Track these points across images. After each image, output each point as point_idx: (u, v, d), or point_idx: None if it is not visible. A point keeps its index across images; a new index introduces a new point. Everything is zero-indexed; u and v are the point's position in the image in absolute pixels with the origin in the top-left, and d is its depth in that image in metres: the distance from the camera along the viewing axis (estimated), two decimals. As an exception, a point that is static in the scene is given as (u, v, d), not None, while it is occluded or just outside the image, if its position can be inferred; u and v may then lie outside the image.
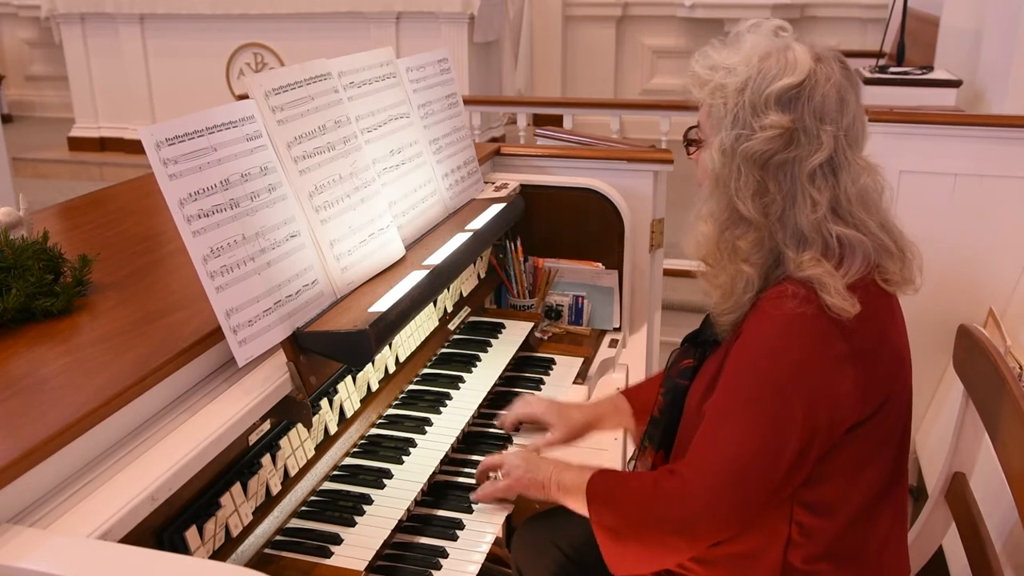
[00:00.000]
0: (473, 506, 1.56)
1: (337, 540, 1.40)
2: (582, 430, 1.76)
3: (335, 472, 1.58)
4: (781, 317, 1.29)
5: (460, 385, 1.88)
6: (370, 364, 1.69)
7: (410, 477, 1.57)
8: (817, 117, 1.30)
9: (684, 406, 1.47)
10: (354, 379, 1.65)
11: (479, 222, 2.00)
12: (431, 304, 1.96)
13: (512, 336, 2.12)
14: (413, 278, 1.65)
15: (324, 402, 1.54)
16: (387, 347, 1.77)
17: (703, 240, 1.40)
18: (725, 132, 1.34)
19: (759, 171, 1.32)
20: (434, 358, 1.98)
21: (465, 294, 2.16)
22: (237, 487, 1.31)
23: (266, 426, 1.39)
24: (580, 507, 1.46)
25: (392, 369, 1.80)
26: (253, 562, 1.33)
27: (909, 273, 1.37)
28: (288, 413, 1.42)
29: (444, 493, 1.61)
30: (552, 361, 2.12)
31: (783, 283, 1.31)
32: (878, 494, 1.36)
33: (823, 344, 1.27)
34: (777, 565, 1.35)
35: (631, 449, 2.06)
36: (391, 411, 1.78)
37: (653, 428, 1.56)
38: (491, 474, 1.59)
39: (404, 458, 1.62)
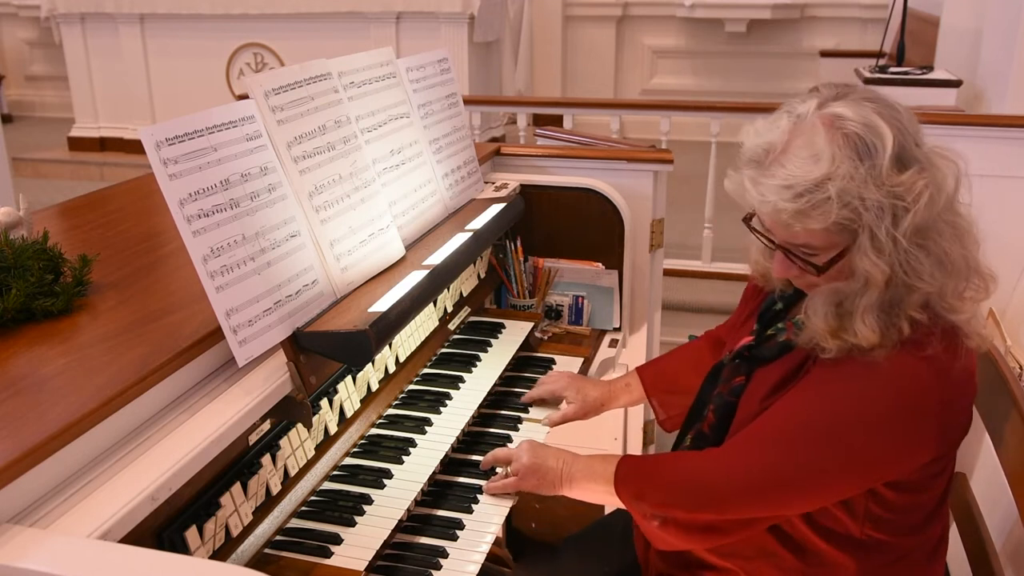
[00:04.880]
0: (473, 506, 1.56)
1: (337, 540, 1.40)
2: (597, 407, 1.81)
3: (335, 472, 1.58)
4: (894, 363, 1.21)
5: (460, 385, 1.87)
6: (370, 364, 1.69)
7: (410, 477, 1.57)
8: (916, 143, 1.21)
9: (733, 421, 1.44)
10: (354, 379, 1.65)
11: (479, 222, 2.00)
12: (431, 304, 1.96)
13: (512, 336, 2.12)
14: (413, 278, 1.65)
15: (324, 402, 1.54)
16: (387, 347, 1.77)
17: (868, 334, 1.21)
18: (879, 231, 1.18)
19: (921, 238, 1.19)
20: (434, 358, 1.98)
21: (465, 294, 2.16)
22: (237, 487, 1.31)
23: (266, 426, 1.39)
24: (591, 497, 1.46)
25: (392, 369, 1.80)
26: (253, 562, 1.33)
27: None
28: (288, 413, 1.42)
29: (444, 493, 1.61)
30: (552, 361, 2.12)
31: (921, 331, 1.22)
32: (937, 507, 1.38)
33: (921, 400, 1.21)
34: None
35: (632, 448, 2.07)
36: (391, 411, 1.78)
37: (701, 442, 1.51)
38: (499, 469, 1.60)
39: (404, 458, 1.62)
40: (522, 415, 1.84)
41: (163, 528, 1.19)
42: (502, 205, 2.12)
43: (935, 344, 1.20)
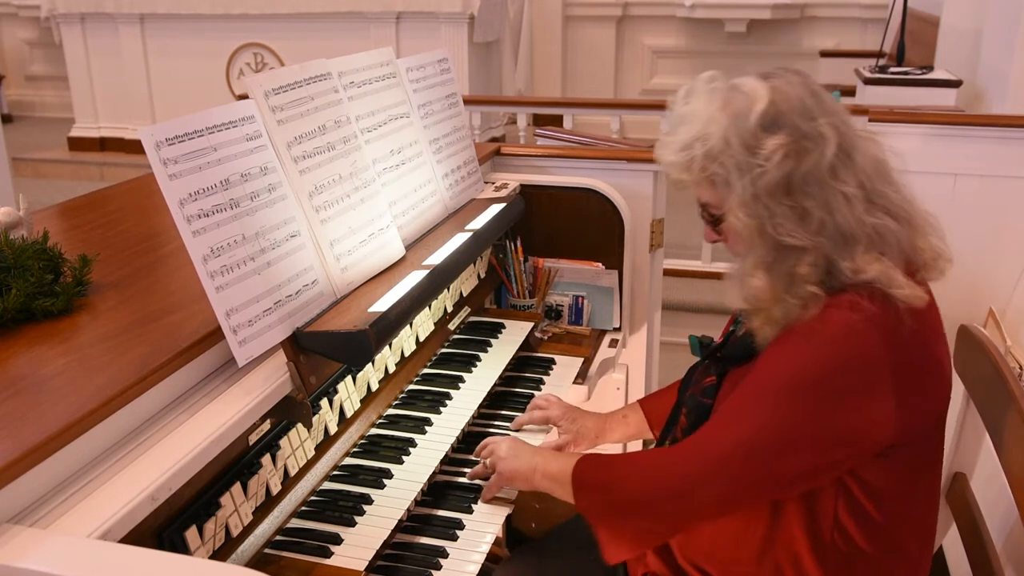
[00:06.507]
0: (473, 506, 1.56)
1: (337, 540, 1.40)
2: (591, 438, 1.77)
3: (335, 472, 1.58)
4: (834, 324, 1.26)
5: (460, 385, 1.88)
6: (370, 364, 1.69)
7: (410, 477, 1.57)
8: (807, 116, 1.28)
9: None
10: (354, 379, 1.65)
11: (479, 222, 2.00)
12: (431, 304, 1.96)
13: (512, 336, 2.12)
14: (413, 278, 1.65)
15: (324, 402, 1.54)
16: (387, 347, 1.77)
17: (759, 293, 1.32)
18: (737, 185, 1.30)
19: (787, 197, 1.28)
20: (434, 358, 1.98)
21: (465, 294, 2.16)
22: (237, 487, 1.31)
23: (266, 426, 1.39)
24: (565, 495, 1.46)
25: (392, 369, 1.80)
26: (253, 562, 1.33)
27: (936, 242, 1.34)
28: (288, 413, 1.42)
29: (444, 493, 1.61)
30: (552, 361, 2.12)
31: (844, 293, 1.27)
32: (928, 510, 1.37)
33: (869, 359, 1.24)
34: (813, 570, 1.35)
35: (631, 450, 2.06)
36: (391, 411, 1.78)
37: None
38: (484, 460, 1.60)
39: (404, 458, 1.62)
40: (513, 432, 1.83)
41: (163, 528, 1.19)
42: (502, 205, 2.12)
43: (866, 303, 1.25)
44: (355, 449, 1.65)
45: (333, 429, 1.58)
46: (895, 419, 1.26)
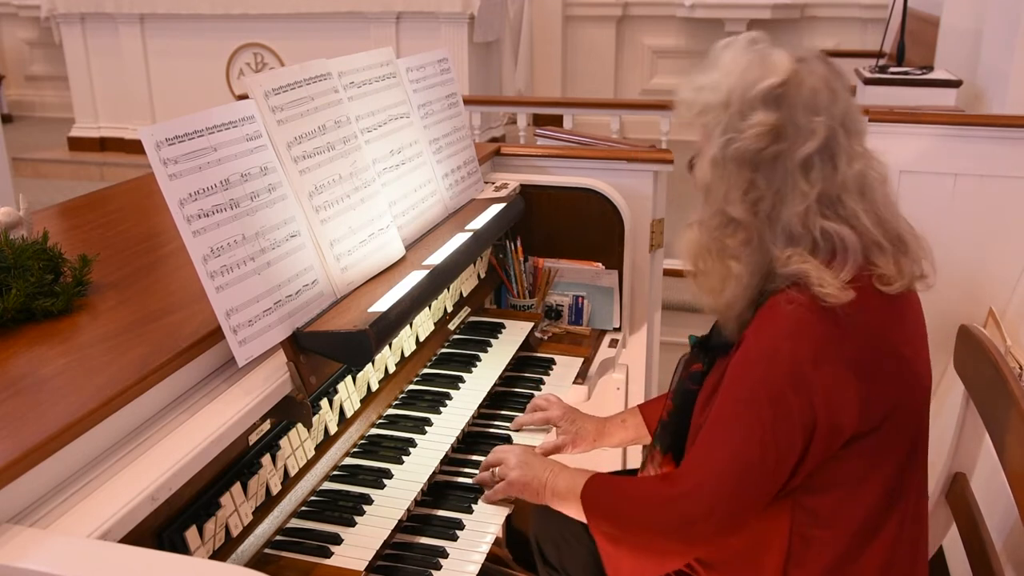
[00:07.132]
0: (473, 506, 1.56)
1: (337, 540, 1.40)
2: (590, 441, 1.78)
3: (335, 472, 1.58)
4: (780, 321, 1.29)
5: (460, 385, 1.87)
6: (370, 364, 1.69)
7: (410, 477, 1.57)
8: (809, 110, 1.30)
9: (692, 410, 1.46)
10: (354, 379, 1.65)
11: (479, 222, 2.00)
12: (431, 304, 1.96)
13: (512, 336, 2.11)
14: (413, 278, 1.65)
15: (324, 402, 1.54)
16: (387, 347, 1.77)
17: (688, 245, 1.41)
18: (715, 141, 1.34)
19: (749, 171, 1.31)
20: (434, 358, 1.98)
21: (465, 294, 2.16)
22: (237, 487, 1.31)
23: (266, 426, 1.39)
24: (575, 512, 1.46)
25: (392, 369, 1.80)
26: (253, 562, 1.33)
27: (910, 268, 1.34)
28: (288, 413, 1.42)
29: (444, 493, 1.61)
30: (552, 361, 2.12)
31: (785, 290, 1.30)
32: (882, 506, 1.34)
33: (822, 347, 1.26)
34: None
35: (631, 454, 2.06)
36: (391, 411, 1.78)
37: (662, 431, 1.56)
38: (493, 470, 1.59)
39: (404, 458, 1.62)
40: (512, 432, 1.83)
41: (163, 528, 1.19)
42: (502, 205, 2.12)
43: (798, 295, 1.28)
44: (355, 449, 1.65)
45: (333, 429, 1.58)
46: (858, 402, 1.27)
